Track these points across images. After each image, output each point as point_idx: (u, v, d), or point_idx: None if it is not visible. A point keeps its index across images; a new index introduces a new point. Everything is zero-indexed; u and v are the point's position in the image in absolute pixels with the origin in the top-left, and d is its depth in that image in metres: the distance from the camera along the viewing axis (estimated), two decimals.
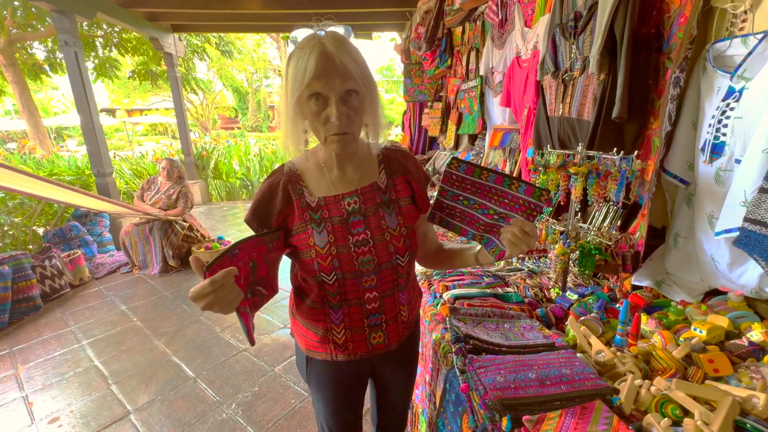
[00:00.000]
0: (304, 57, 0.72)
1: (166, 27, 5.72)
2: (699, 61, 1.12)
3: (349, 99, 0.76)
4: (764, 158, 0.85)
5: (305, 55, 0.72)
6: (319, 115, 0.76)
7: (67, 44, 3.89)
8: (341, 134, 0.77)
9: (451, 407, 1.01)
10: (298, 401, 2.01)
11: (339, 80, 0.73)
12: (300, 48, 0.74)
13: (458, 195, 0.86)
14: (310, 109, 0.76)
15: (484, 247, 0.88)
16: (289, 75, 0.75)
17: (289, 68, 0.76)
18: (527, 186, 0.80)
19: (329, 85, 0.72)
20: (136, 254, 3.90)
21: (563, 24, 1.58)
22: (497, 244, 0.85)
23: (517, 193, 0.80)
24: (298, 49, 0.74)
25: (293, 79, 0.74)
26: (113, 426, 1.91)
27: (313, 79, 0.72)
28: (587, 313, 1.13)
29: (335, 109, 0.74)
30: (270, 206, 0.85)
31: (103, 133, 4.34)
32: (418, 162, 0.97)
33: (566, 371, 0.83)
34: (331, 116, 0.74)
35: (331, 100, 0.74)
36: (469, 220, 0.87)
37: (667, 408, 0.75)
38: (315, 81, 0.72)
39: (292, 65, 0.75)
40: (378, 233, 0.86)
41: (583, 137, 1.49)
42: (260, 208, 0.86)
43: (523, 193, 0.80)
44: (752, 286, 1.00)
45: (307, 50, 0.72)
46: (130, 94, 20.63)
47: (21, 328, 2.88)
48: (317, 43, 0.73)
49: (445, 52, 3.38)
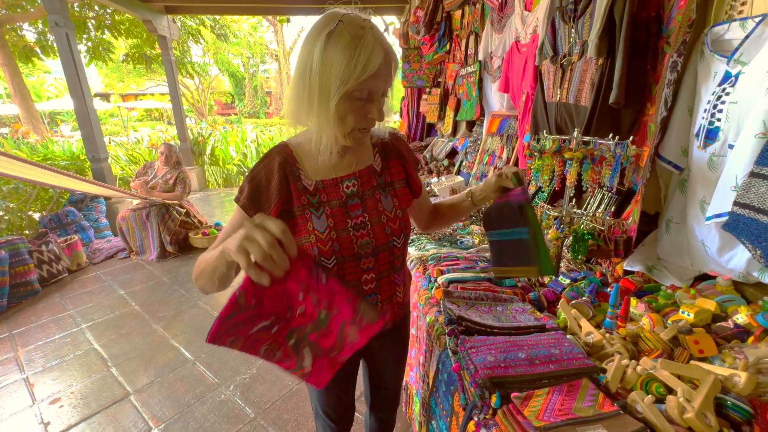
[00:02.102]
0: (365, 52, 0.67)
1: (159, 8, 5.58)
2: (697, 45, 1.11)
3: (384, 94, 0.77)
4: (756, 143, 0.85)
5: (365, 50, 0.67)
6: (359, 109, 0.74)
7: (57, 25, 3.80)
8: (369, 129, 0.79)
9: (443, 387, 1.04)
10: (295, 383, 2.05)
11: (388, 81, 0.74)
12: (356, 38, 0.68)
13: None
14: (350, 103, 0.73)
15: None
16: (333, 60, 0.68)
17: (334, 52, 0.68)
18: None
19: (381, 83, 0.73)
20: (133, 240, 3.90)
21: (563, 7, 1.56)
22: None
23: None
24: (353, 38, 0.68)
25: (346, 69, 0.68)
26: (114, 406, 1.94)
27: (372, 77, 0.70)
28: (579, 297, 1.15)
29: (377, 105, 0.75)
30: (268, 190, 0.81)
31: (97, 118, 4.27)
32: (408, 146, 0.98)
33: (555, 351, 0.85)
34: (371, 113, 0.75)
35: (376, 97, 0.75)
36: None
37: (651, 386, 0.77)
38: (372, 79, 0.70)
39: (343, 53, 0.68)
40: (375, 216, 0.87)
41: (580, 123, 1.48)
42: (257, 192, 0.81)
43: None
44: (740, 270, 1.02)
45: (366, 44, 0.68)
46: (125, 79, 20.25)
47: (20, 312, 2.90)
48: (377, 39, 0.69)
49: (444, 37, 3.33)
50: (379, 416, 1.24)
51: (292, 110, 0.78)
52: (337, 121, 0.74)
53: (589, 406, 0.71)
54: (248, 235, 0.55)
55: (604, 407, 0.71)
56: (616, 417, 0.69)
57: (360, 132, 0.78)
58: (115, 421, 1.85)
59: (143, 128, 15.20)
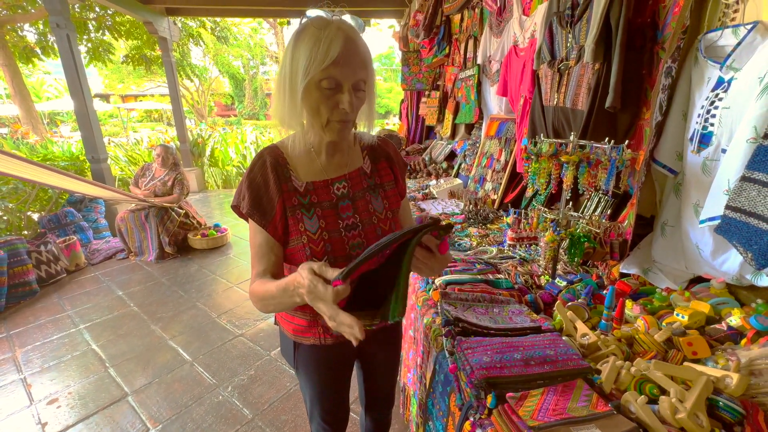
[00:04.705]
0: (326, 40, 0.70)
1: (160, 10, 5.61)
2: (691, 51, 1.13)
3: (358, 88, 0.76)
4: (748, 148, 0.86)
5: (327, 38, 0.70)
6: (328, 99, 0.75)
7: (58, 26, 3.81)
8: (345, 121, 0.79)
9: (440, 387, 1.05)
10: (292, 384, 2.05)
11: (356, 69, 0.74)
12: (318, 28, 0.71)
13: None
14: (319, 92, 0.74)
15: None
16: (300, 53, 0.72)
17: (300, 45, 0.72)
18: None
19: (347, 72, 0.73)
20: (132, 241, 3.90)
21: (560, 12, 1.58)
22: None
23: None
24: (316, 29, 0.71)
25: (309, 58, 0.71)
26: (111, 407, 1.94)
27: (334, 64, 0.71)
28: (575, 299, 1.16)
29: (348, 96, 0.74)
30: (268, 192, 0.81)
31: (97, 118, 4.28)
32: (396, 149, 1.00)
33: (550, 352, 0.86)
34: (341, 103, 0.75)
35: (345, 87, 0.74)
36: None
37: (645, 387, 0.78)
38: (334, 67, 0.71)
39: (307, 44, 0.71)
40: (366, 216, 0.88)
41: (577, 127, 1.50)
42: (258, 196, 0.81)
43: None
44: (734, 273, 1.03)
45: (329, 33, 0.70)
46: (125, 80, 20.25)
47: (18, 312, 2.90)
48: (340, 28, 0.71)
49: (444, 40, 3.35)
50: (374, 417, 1.24)
51: (276, 113, 0.81)
52: (310, 112, 0.77)
53: (583, 406, 0.72)
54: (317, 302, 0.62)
55: (597, 407, 0.72)
56: (609, 417, 0.69)
57: (338, 123, 0.78)
58: (113, 422, 1.85)
59: (143, 129, 15.20)
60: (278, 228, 0.82)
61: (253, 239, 0.84)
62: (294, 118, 0.79)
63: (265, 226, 0.81)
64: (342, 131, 0.81)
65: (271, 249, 0.83)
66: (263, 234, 0.82)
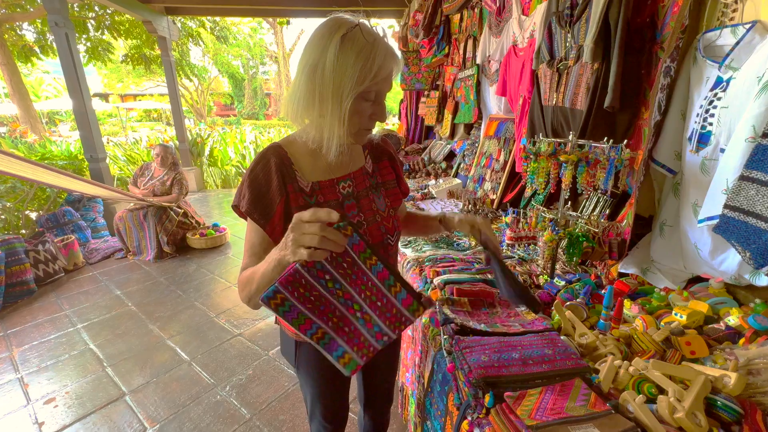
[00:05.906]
0: (379, 55, 0.72)
1: (159, 9, 5.60)
2: (690, 50, 1.13)
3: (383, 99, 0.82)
4: (746, 147, 0.86)
5: (380, 53, 0.72)
6: (366, 109, 0.78)
7: (57, 25, 3.80)
8: (371, 129, 0.82)
9: (438, 387, 1.04)
10: (291, 384, 2.05)
11: (391, 85, 0.79)
12: (371, 42, 0.72)
13: (327, 272, 0.66)
14: (361, 103, 0.76)
15: (321, 349, 0.71)
16: (348, 61, 0.71)
17: (350, 54, 0.71)
18: (408, 295, 0.69)
19: (387, 87, 0.78)
20: (130, 240, 3.89)
21: (560, 12, 1.58)
22: (346, 350, 0.71)
23: (394, 299, 0.70)
24: (368, 42, 0.72)
25: (362, 70, 0.71)
26: (109, 407, 1.94)
27: (384, 80, 0.75)
28: (574, 299, 1.16)
29: (381, 107, 0.79)
30: (269, 193, 0.80)
31: (95, 118, 4.27)
32: (394, 147, 1.02)
33: (548, 351, 0.86)
34: (376, 114, 0.79)
35: (381, 99, 0.79)
36: (323, 309, 0.69)
37: (643, 387, 0.78)
38: (384, 82, 0.75)
39: (358, 55, 0.71)
40: (370, 215, 0.89)
41: (576, 127, 1.50)
42: (259, 196, 0.79)
43: (400, 302, 0.70)
44: (732, 272, 1.03)
45: (380, 48, 0.73)
46: (124, 79, 20.23)
47: (15, 311, 2.89)
48: (390, 47, 0.75)
49: (443, 40, 3.35)
50: (373, 415, 1.25)
51: (296, 109, 0.78)
52: (346, 120, 0.76)
53: (581, 406, 0.72)
54: (296, 237, 0.59)
55: (596, 407, 0.72)
56: (607, 416, 0.69)
57: (366, 131, 0.81)
58: (110, 422, 1.84)
59: (142, 129, 15.19)
60: (276, 229, 0.81)
61: (249, 237, 0.83)
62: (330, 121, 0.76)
63: (264, 225, 0.80)
64: (365, 139, 0.84)
65: (265, 250, 0.80)
66: (260, 234, 0.81)
